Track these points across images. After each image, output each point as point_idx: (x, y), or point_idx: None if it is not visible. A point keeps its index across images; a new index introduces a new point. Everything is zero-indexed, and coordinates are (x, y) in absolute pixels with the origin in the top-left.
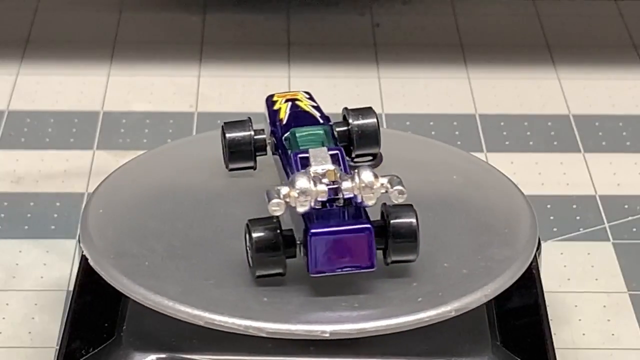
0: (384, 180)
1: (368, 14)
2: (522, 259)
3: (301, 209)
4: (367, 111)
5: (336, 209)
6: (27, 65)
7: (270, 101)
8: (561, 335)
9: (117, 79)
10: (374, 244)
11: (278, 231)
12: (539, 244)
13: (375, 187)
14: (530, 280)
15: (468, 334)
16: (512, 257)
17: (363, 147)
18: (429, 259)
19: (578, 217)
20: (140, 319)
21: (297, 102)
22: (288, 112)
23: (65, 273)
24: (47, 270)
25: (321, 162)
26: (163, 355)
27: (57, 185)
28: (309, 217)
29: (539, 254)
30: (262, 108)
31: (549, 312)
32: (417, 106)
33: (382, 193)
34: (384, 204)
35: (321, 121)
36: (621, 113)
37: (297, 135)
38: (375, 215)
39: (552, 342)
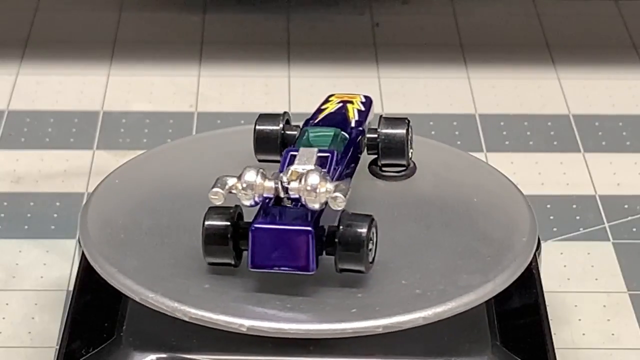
0: (330, 186)
1: (368, 14)
2: (521, 259)
3: (245, 202)
4: (399, 122)
5: (289, 208)
6: (27, 65)
7: (325, 100)
8: (561, 335)
9: (117, 79)
10: (312, 247)
11: (229, 222)
12: (539, 244)
13: (319, 191)
14: (530, 280)
15: (468, 334)
16: (511, 257)
17: (388, 157)
18: (429, 259)
19: (578, 217)
20: (140, 319)
21: (346, 104)
22: (328, 112)
23: (65, 273)
24: (47, 270)
25: (305, 162)
26: (163, 355)
27: (57, 185)
28: (259, 212)
29: (539, 254)
30: (262, 108)
31: (549, 312)
32: (417, 106)
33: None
34: (344, 210)
35: (353, 125)
36: (621, 113)
37: (309, 133)
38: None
39: (552, 342)
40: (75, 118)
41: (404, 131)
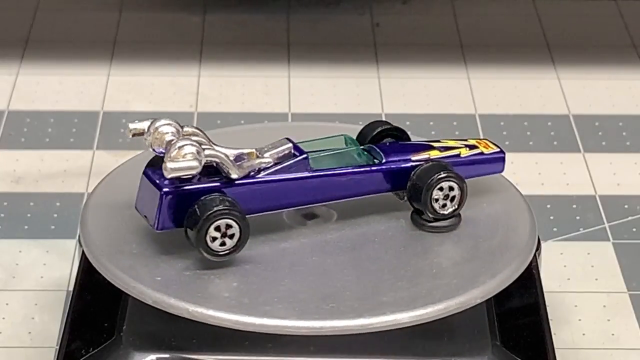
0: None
1: (368, 14)
2: (521, 259)
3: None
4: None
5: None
6: (27, 65)
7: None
8: (561, 335)
9: (117, 79)
10: (163, 208)
11: None
12: (539, 243)
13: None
14: (530, 280)
15: (468, 334)
16: (511, 257)
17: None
18: (429, 258)
19: (578, 217)
20: (140, 319)
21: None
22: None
23: (65, 273)
24: (47, 270)
25: (276, 148)
26: (163, 355)
27: (57, 185)
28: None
29: (539, 254)
30: (262, 108)
31: (549, 312)
32: (417, 106)
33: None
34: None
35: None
36: (621, 113)
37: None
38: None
39: (552, 342)
40: (75, 118)
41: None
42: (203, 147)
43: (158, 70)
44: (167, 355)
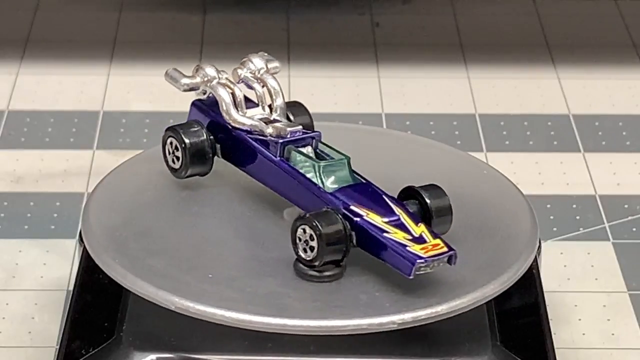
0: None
1: (368, 14)
2: (523, 259)
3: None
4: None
5: None
6: (27, 65)
7: None
8: (561, 335)
9: (117, 78)
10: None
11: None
12: (539, 243)
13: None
14: (530, 280)
15: (468, 334)
16: (513, 257)
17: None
18: None
19: (578, 217)
20: (141, 319)
21: None
22: None
23: (65, 273)
24: (47, 270)
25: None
26: (163, 355)
27: (57, 185)
28: None
29: (539, 254)
30: None
31: (549, 312)
32: (417, 106)
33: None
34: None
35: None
36: (621, 113)
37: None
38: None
39: (552, 342)
40: (75, 118)
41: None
42: (223, 82)
43: (158, 70)
44: (167, 355)
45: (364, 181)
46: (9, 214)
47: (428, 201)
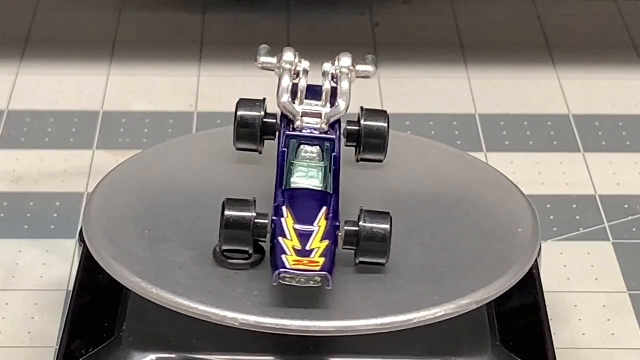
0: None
1: (368, 14)
2: (525, 260)
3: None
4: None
5: None
6: (27, 65)
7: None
8: (561, 335)
9: (117, 78)
10: None
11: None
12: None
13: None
14: (530, 280)
15: (468, 334)
16: (514, 257)
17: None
18: (431, 259)
19: (578, 217)
20: (141, 319)
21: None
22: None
23: (65, 273)
24: (47, 270)
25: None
26: (163, 355)
27: (57, 185)
28: None
29: (539, 254)
30: None
31: (549, 312)
32: (417, 106)
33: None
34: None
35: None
36: (621, 113)
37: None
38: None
39: (552, 342)
40: (75, 118)
41: (385, 124)
42: (291, 68)
43: (158, 70)
44: (167, 355)
45: (329, 191)
46: (9, 214)
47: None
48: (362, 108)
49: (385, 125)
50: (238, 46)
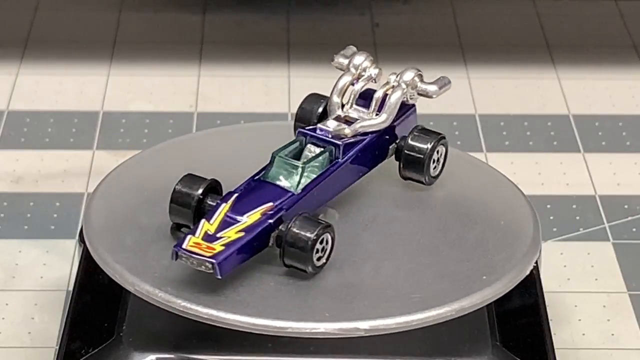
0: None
1: (368, 14)
2: (525, 260)
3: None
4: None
5: None
6: (27, 65)
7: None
8: (561, 335)
9: (117, 78)
10: None
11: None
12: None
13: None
14: (530, 280)
15: (468, 334)
16: (515, 258)
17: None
18: (431, 260)
19: (578, 217)
20: (140, 319)
21: None
22: None
23: (65, 273)
24: (47, 270)
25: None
26: (163, 355)
27: (57, 185)
28: None
29: (539, 254)
30: (262, 108)
31: (549, 312)
32: (418, 106)
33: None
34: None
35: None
36: (621, 113)
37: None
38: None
39: (552, 342)
40: (75, 118)
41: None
42: (355, 73)
43: (158, 70)
44: (167, 355)
45: (292, 191)
46: (8, 214)
47: None
48: (416, 126)
49: (427, 147)
50: (238, 46)
